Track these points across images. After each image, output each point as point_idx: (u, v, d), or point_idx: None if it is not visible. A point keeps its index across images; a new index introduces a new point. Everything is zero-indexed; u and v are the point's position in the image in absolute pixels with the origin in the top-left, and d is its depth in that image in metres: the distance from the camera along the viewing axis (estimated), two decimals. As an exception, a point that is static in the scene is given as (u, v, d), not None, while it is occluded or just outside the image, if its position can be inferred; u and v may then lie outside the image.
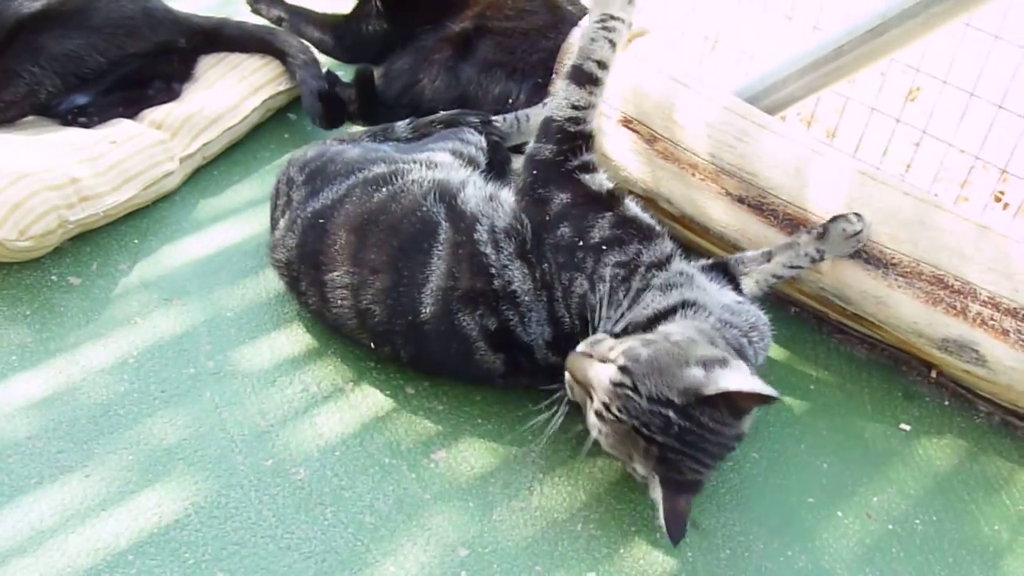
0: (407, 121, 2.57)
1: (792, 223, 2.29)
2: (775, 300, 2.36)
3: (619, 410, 1.77)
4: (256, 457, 2.01)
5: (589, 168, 2.10)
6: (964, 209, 2.42)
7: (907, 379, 2.35)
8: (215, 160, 2.73)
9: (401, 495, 1.98)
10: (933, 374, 2.34)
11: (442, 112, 2.58)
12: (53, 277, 2.33)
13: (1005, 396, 2.23)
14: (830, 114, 2.92)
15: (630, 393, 1.76)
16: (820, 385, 2.32)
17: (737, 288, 2.19)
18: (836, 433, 2.22)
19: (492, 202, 2.11)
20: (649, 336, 1.86)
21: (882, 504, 2.08)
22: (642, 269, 1.98)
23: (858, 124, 2.75)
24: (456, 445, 2.09)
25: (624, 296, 1.96)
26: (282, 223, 2.23)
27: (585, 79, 2.10)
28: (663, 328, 1.89)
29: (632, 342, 1.82)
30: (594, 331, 1.93)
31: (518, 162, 2.59)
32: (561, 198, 2.06)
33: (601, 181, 2.09)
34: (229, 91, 2.77)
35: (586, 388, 1.84)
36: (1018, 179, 2.51)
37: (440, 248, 2.04)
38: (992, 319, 2.14)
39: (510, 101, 2.74)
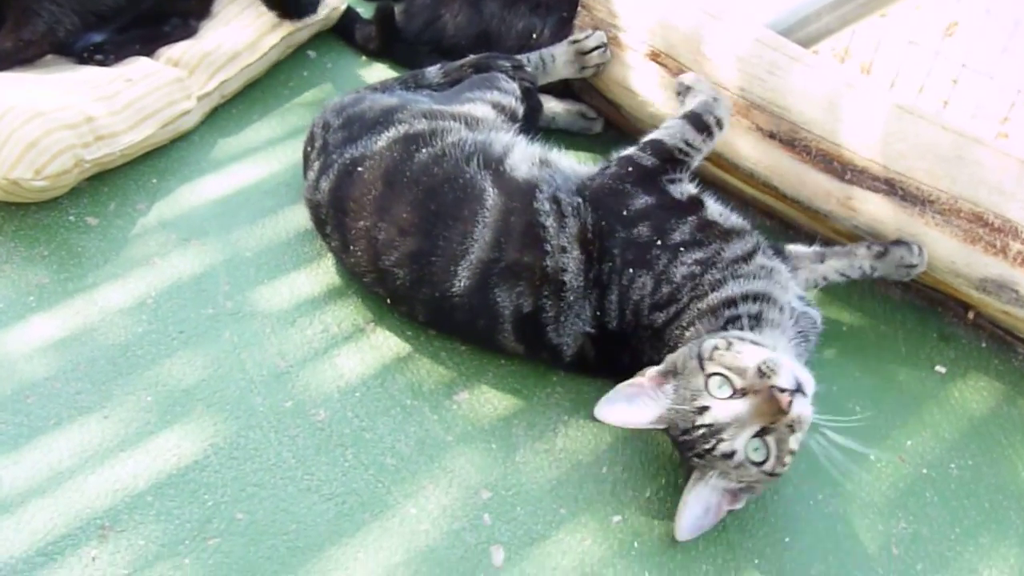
0: (438, 67, 2.50)
1: (825, 159, 2.21)
2: (807, 240, 2.29)
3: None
4: (276, 398, 1.98)
5: (676, 181, 2.10)
6: (1005, 145, 2.33)
7: (943, 320, 2.29)
8: (233, 98, 2.68)
9: (423, 437, 1.95)
10: (970, 315, 2.28)
11: (471, 56, 2.51)
12: (71, 217, 2.29)
13: (1045, 337, 2.17)
14: (865, 50, 2.83)
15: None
16: (853, 327, 2.26)
17: None
18: (869, 375, 2.16)
19: (548, 168, 2.09)
20: None
21: (916, 448, 2.03)
22: (721, 264, 1.94)
23: (893, 61, 2.67)
24: (479, 386, 2.05)
25: (688, 290, 1.93)
26: (316, 165, 2.20)
27: (703, 128, 2.15)
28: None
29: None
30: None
31: (548, 103, 2.55)
32: (646, 200, 2.04)
33: (684, 189, 2.09)
34: (247, 28, 2.71)
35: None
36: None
37: (487, 216, 1.99)
38: (1033, 258, 2.07)
39: (534, 36, 2.67)
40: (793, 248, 2.21)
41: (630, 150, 2.13)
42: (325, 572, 1.73)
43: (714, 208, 2.06)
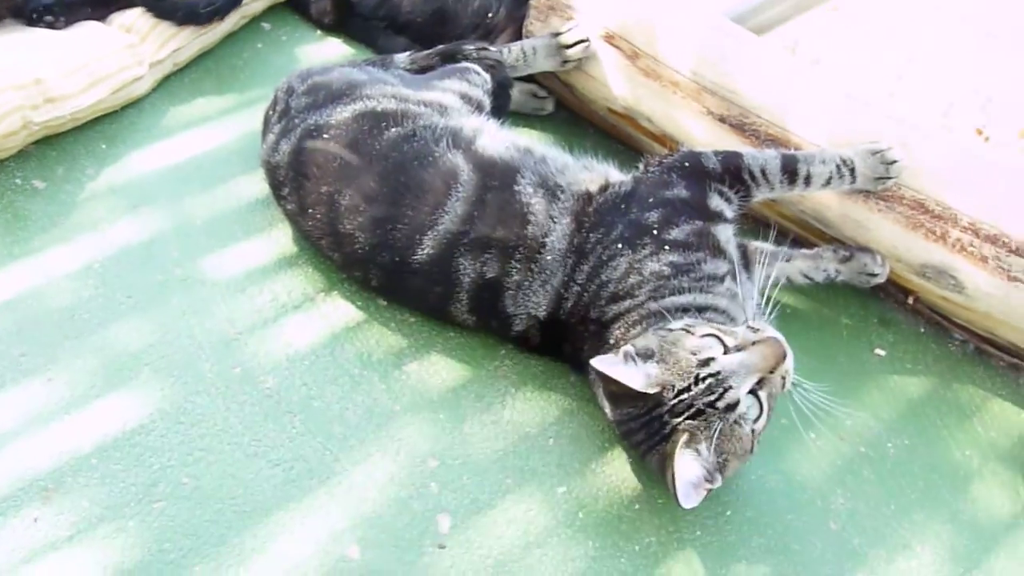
0: (406, 54, 2.50)
1: (774, 143, 2.25)
2: (753, 222, 2.33)
3: None
4: (224, 364, 1.97)
5: (723, 195, 2.08)
6: (946, 134, 2.40)
7: (884, 305, 2.34)
8: (186, 67, 2.65)
9: (371, 405, 1.95)
10: (910, 300, 2.32)
11: (439, 46, 2.50)
12: (17, 180, 2.26)
13: (981, 324, 2.22)
14: (814, 43, 2.88)
15: None
16: (797, 309, 2.30)
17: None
18: (811, 357, 2.19)
19: (531, 155, 2.10)
20: None
21: (855, 427, 2.08)
22: (694, 275, 1.93)
23: (842, 54, 2.72)
24: (428, 357, 2.06)
25: (649, 289, 1.92)
26: (276, 128, 2.20)
27: (790, 172, 2.12)
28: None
29: None
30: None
31: (516, 89, 2.57)
32: (679, 193, 2.04)
33: (719, 204, 2.07)
34: (201, -3, 2.68)
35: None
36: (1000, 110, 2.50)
37: (460, 191, 2.01)
38: (971, 245, 2.13)
39: (489, 16, 2.68)
40: (760, 245, 2.22)
41: (702, 150, 2.13)
42: (271, 537, 1.73)
43: (727, 232, 2.06)
